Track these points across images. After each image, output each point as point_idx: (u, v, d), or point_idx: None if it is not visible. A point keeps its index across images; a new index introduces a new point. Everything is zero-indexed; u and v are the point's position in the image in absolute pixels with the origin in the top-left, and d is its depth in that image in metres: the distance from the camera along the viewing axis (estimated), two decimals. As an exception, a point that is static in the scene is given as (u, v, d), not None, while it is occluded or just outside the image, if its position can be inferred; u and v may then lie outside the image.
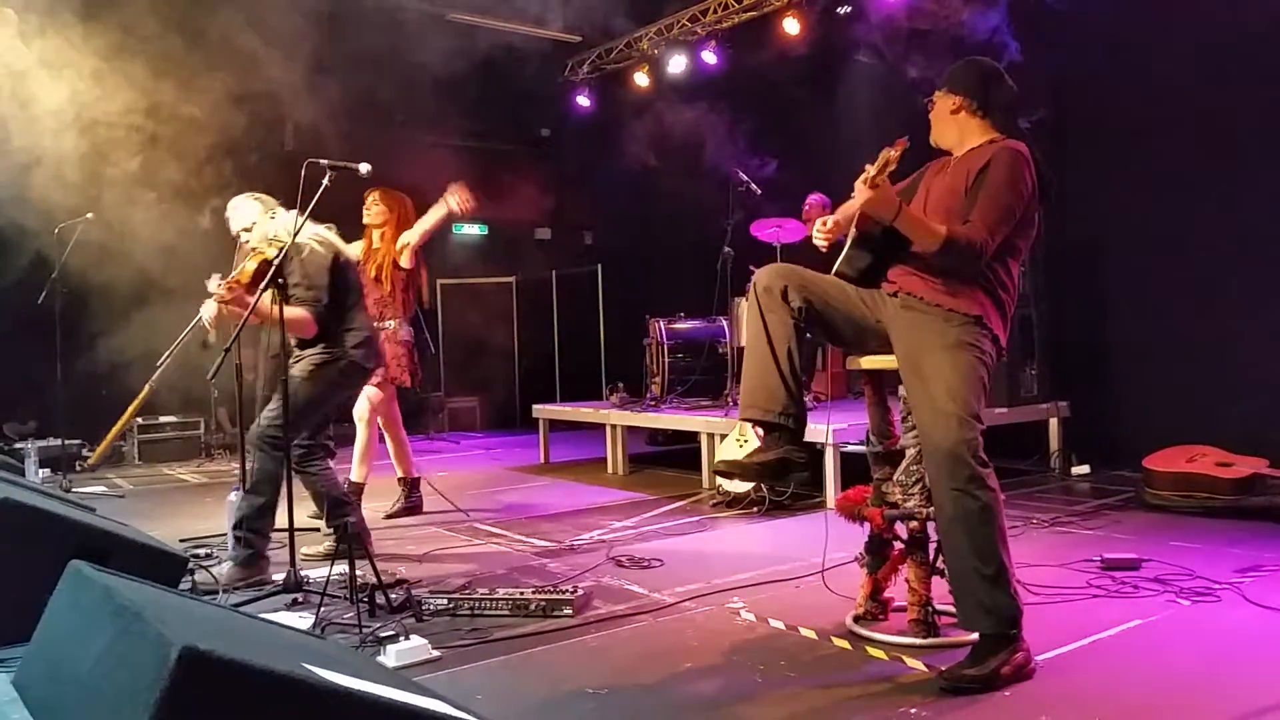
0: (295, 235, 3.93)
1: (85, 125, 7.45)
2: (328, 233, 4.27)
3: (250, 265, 4.07)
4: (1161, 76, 6.06)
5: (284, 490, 3.82)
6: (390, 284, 5.45)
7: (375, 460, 5.41)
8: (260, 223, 4.26)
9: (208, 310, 4.06)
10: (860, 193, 2.78)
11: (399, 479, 5.66)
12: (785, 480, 3.10)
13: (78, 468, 7.29)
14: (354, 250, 5.38)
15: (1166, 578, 3.75)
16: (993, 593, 2.77)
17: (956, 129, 3.10)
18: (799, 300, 3.01)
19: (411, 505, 5.63)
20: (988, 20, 5.97)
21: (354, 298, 4.28)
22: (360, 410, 5.34)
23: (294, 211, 4.11)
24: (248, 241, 4.26)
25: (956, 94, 3.09)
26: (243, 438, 4.29)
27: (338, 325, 4.17)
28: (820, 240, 3.04)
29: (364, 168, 3.92)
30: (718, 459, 3.17)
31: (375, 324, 5.25)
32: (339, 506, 4.14)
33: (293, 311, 3.91)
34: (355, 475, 5.27)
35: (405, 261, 5.47)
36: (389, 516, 5.51)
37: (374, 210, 5.54)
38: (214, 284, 3.99)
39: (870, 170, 2.78)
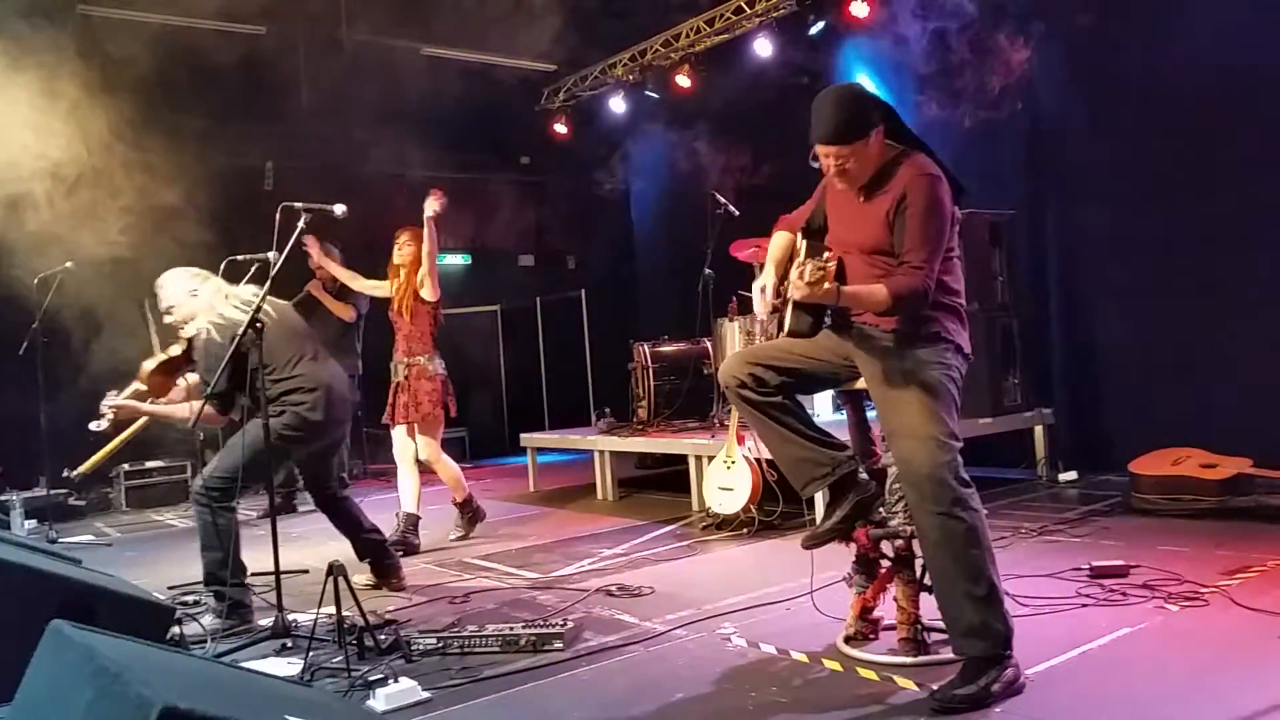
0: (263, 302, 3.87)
1: (62, 172, 7.46)
2: (233, 310, 4.05)
3: (148, 365, 4.07)
4: (1142, 82, 6.10)
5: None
6: (412, 318, 5.60)
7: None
8: (180, 305, 4.13)
9: (97, 425, 4.05)
10: (798, 288, 2.69)
11: (454, 502, 5.90)
12: (869, 514, 3.17)
13: (65, 474, 7.20)
14: (382, 289, 5.81)
15: (1155, 583, 3.76)
16: (985, 613, 2.77)
17: (871, 164, 2.96)
18: (773, 378, 3.06)
19: (466, 526, 5.87)
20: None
21: (292, 359, 4.10)
22: (399, 451, 5.65)
23: (224, 286, 4.11)
24: (173, 325, 4.17)
25: (873, 129, 2.90)
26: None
27: (271, 388, 3.97)
28: (763, 310, 3.06)
29: (339, 209, 3.93)
30: (805, 536, 3.25)
31: (404, 359, 5.59)
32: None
33: (181, 408, 3.91)
34: (408, 508, 5.60)
35: (428, 294, 5.57)
36: (459, 538, 5.83)
37: (405, 251, 5.69)
38: (106, 403, 4.00)
39: (807, 275, 2.66)
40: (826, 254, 2.94)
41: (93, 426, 4.02)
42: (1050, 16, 6.23)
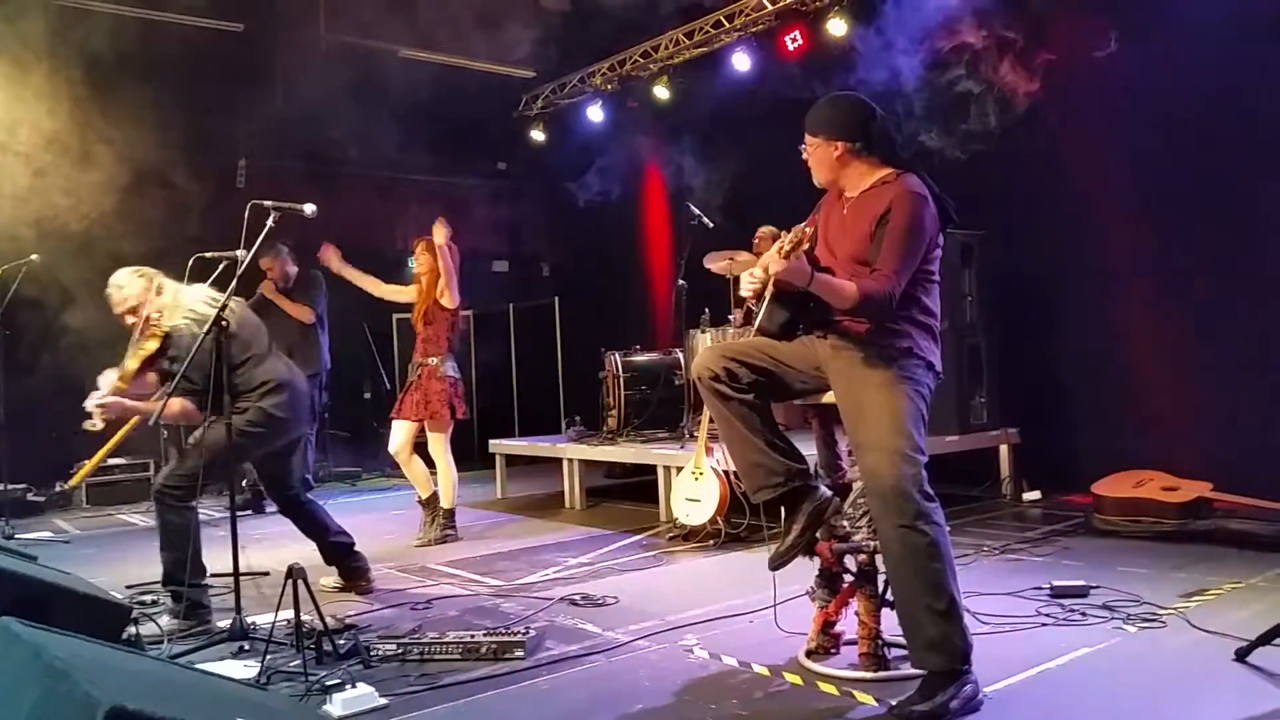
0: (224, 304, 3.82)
1: (29, 165, 7.37)
2: (205, 305, 4.06)
3: (131, 365, 4.01)
4: (1118, 111, 6.18)
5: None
6: (430, 323, 5.87)
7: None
8: (146, 302, 4.11)
9: (91, 425, 3.95)
10: (774, 262, 2.80)
11: (442, 508, 5.95)
12: (824, 524, 3.18)
13: (58, 487, 7.19)
14: (406, 294, 6.01)
15: (1114, 604, 3.80)
16: (944, 628, 2.78)
17: (844, 172, 3.10)
18: (746, 375, 3.07)
19: (446, 535, 5.92)
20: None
21: (256, 355, 4.15)
22: (395, 446, 5.84)
23: (181, 285, 4.10)
24: (133, 325, 4.12)
25: (836, 140, 3.06)
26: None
27: (237, 385, 4.06)
28: (748, 289, 3.10)
29: (309, 208, 3.90)
30: (770, 558, 3.21)
31: (419, 360, 5.83)
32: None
33: (174, 403, 3.85)
34: (425, 492, 5.94)
35: (447, 302, 5.81)
36: (423, 543, 5.87)
37: (421, 260, 5.91)
38: (92, 402, 3.91)
39: (785, 244, 2.79)
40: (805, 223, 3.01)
41: (86, 427, 3.94)
42: (1048, 50, 6.30)
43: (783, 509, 3.17)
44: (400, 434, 5.82)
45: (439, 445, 5.84)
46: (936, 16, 6.22)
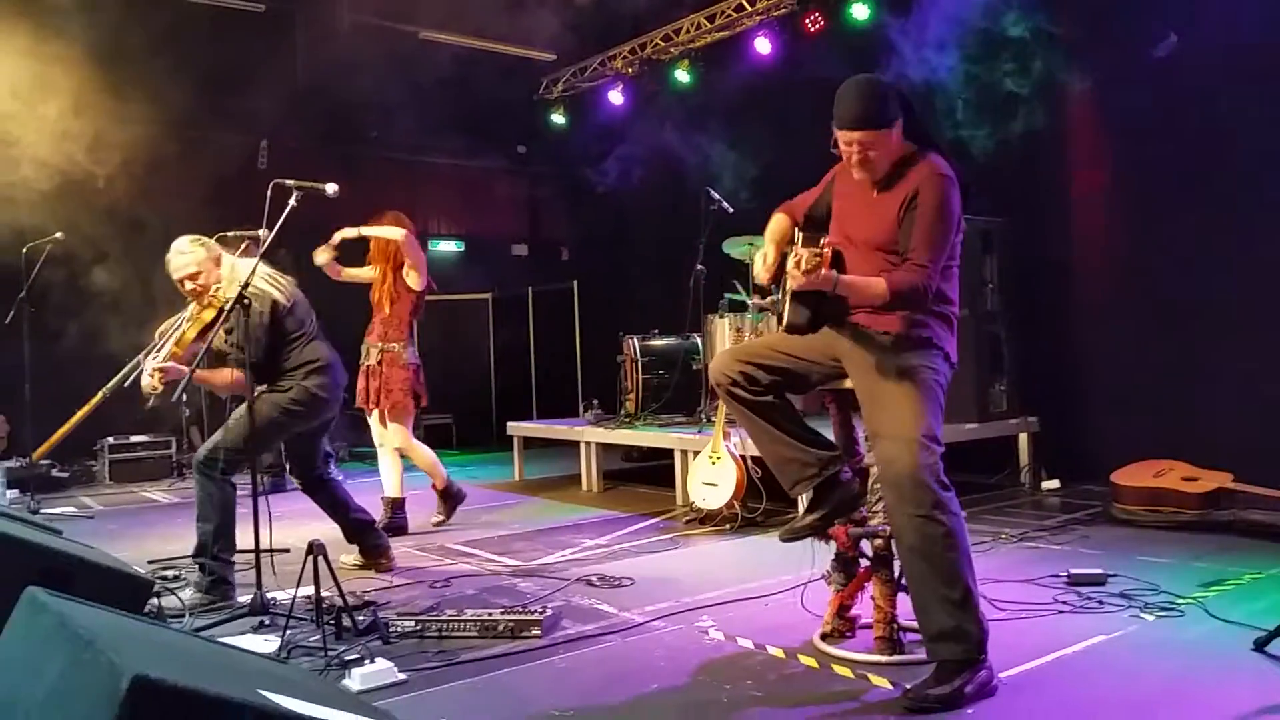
0: (248, 279, 3.87)
1: (55, 144, 7.42)
2: (264, 282, 4.13)
3: (191, 332, 4.04)
4: (1143, 101, 6.13)
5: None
6: (398, 304, 5.59)
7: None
8: (206, 271, 4.12)
9: (144, 381, 3.94)
10: (794, 278, 2.73)
11: (439, 489, 5.90)
12: (850, 514, 3.18)
13: (17, 462, 7.27)
14: (365, 274, 5.72)
15: (1131, 593, 3.79)
16: (959, 617, 2.77)
17: (890, 156, 2.99)
18: (764, 376, 3.06)
19: (447, 511, 5.90)
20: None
21: (306, 334, 4.25)
22: (378, 436, 5.69)
23: (236, 257, 4.14)
24: (193, 290, 4.14)
25: (896, 120, 2.93)
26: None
27: (284, 362, 4.18)
28: (763, 276, 3.10)
29: (330, 188, 3.92)
30: (783, 529, 3.22)
31: (381, 346, 5.56)
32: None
33: (226, 373, 3.93)
34: (390, 492, 5.70)
35: (414, 283, 5.58)
36: (440, 522, 5.87)
37: (373, 244, 5.66)
38: (153, 364, 3.92)
39: (804, 263, 2.69)
40: (823, 240, 2.94)
41: (145, 390, 3.91)
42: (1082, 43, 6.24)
43: (811, 494, 3.16)
44: (379, 425, 5.65)
45: (404, 435, 5.62)
46: (962, 3, 6.17)
